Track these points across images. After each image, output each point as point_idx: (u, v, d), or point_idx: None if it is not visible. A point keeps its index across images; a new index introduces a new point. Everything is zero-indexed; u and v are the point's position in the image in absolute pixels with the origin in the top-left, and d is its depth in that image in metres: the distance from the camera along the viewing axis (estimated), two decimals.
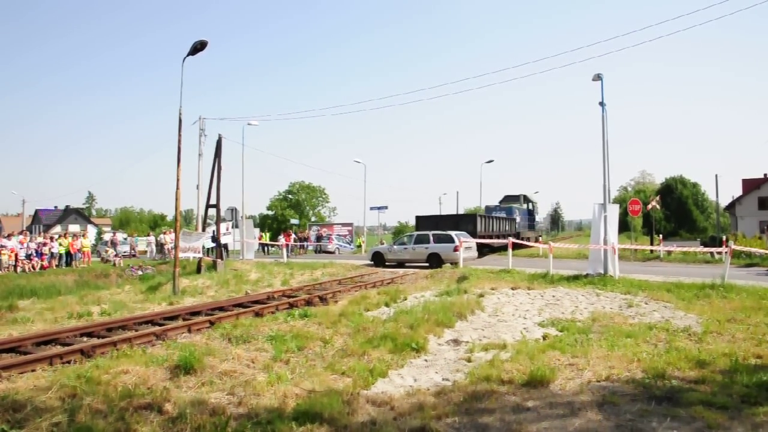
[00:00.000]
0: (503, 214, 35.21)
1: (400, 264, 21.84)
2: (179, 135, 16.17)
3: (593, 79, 16.26)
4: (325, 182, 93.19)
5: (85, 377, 5.88)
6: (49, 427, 4.63)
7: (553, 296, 12.61)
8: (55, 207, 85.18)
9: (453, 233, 21.21)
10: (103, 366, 6.43)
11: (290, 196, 77.99)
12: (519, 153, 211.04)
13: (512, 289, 13.67)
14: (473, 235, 23.95)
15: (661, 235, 30.92)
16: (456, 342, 8.40)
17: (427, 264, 20.60)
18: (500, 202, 41.24)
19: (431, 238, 21.47)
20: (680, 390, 5.42)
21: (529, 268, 18.17)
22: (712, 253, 23.14)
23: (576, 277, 15.37)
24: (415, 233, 22.78)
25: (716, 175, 32.68)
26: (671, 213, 64.95)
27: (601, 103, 16.37)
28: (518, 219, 37.35)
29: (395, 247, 22.73)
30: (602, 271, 15.53)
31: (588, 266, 16.29)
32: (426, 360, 7.41)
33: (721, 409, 4.82)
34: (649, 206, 29.48)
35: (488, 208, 37.83)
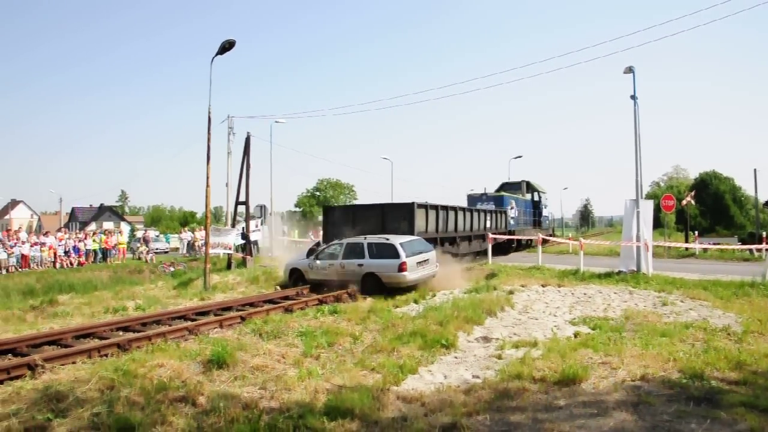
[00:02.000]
0: (491, 206, 26.53)
1: (328, 286, 14.14)
2: (209, 133, 16.41)
3: (624, 72, 15.89)
4: (352, 179, 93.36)
5: (122, 370, 6.04)
6: (90, 417, 4.77)
7: (585, 293, 12.41)
8: (90, 205, 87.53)
9: (397, 242, 13.60)
10: (139, 359, 6.59)
11: (318, 193, 78.48)
12: (549, 150, 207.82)
13: (542, 286, 13.50)
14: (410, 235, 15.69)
15: (696, 232, 30.12)
16: (486, 339, 8.35)
17: (361, 288, 13.55)
18: (496, 190, 31.60)
19: (365, 248, 13.96)
20: (720, 391, 5.28)
21: (559, 264, 17.91)
22: (751, 250, 22.44)
23: (608, 275, 15.09)
24: (346, 241, 14.70)
25: (755, 170, 31.57)
26: (707, 209, 63.24)
27: (633, 97, 16.00)
28: (514, 213, 28.75)
29: (318, 262, 14.77)
30: (635, 269, 15.20)
31: (620, 263, 15.98)
32: (456, 357, 7.38)
33: (764, 412, 4.66)
34: (684, 202, 28.76)
35: (471, 198, 28.50)
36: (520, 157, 47.97)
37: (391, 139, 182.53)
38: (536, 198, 34.57)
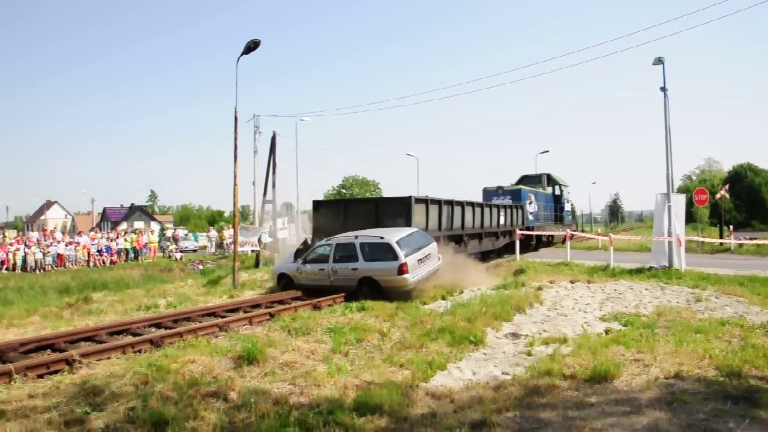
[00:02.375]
0: (508, 200, 24.74)
1: (318, 291, 12.38)
2: (235, 133, 16.59)
3: (654, 63, 15.56)
4: (378, 176, 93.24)
5: (155, 366, 6.15)
6: (125, 411, 4.89)
7: (615, 290, 12.21)
8: (121, 205, 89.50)
9: (393, 240, 11.81)
10: (171, 355, 6.70)
11: (344, 190, 78.67)
12: (577, 145, 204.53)
13: (571, 282, 13.33)
14: None
15: (731, 226, 29.30)
16: (515, 335, 8.28)
17: (356, 293, 11.80)
18: (515, 183, 29.25)
19: (358, 249, 12.24)
20: (759, 390, 5.13)
21: (588, 260, 17.66)
22: None
23: (639, 270, 14.82)
24: (335, 241, 12.91)
25: None
26: (742, 202, 61.38)
27: (663, 89, 15.66)
28: (533, 207, 26.50)
29: (307, 266, 13.12)
30: (667, 264, 14.90)
31: (651, 259, 15.69)
32: (485, 353, 7.34)
33: None
34: (718, 196, 28.04)
35: (486, 192, 26.24)
36: (546, 152, 47.49)
37: (417, 138, 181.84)
38: (558, 192, 32.04)
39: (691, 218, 29.44)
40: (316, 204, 17.66)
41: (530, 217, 25.81)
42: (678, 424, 4.41)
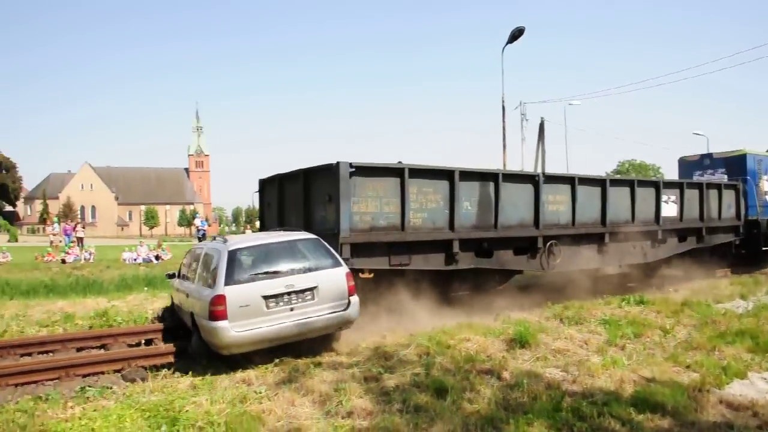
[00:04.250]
0: (719, 175, 15.45)
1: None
2: (503, 122, 17.00)
3: None
4: (660, 160, 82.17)
5: (435, 340, 6.78)
6: (411, 376, 5.58)
7: None
8: None
9: (225, 249, 6.56)
10: (448, 332, 7.26)
11: (619, 176, 71.99)
12: None
13: None
14: (333, 238, 7.54)
15: None
16: None
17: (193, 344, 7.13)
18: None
19: (199, 262, 7.33)
20: None
21: None
22: None
23: None
24: (206, 246, 8.02)
25: None
26: None
27: None
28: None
29: (176, 283, 8.58)
30: None
31: None
32: None
33: None
34: None
35: (684, 165, 16.91)
36: None
37: (706, 115, 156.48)
38: None
39: None
40: (262, 184, 11.08)
41: (753, 207, 15.16)
42: None
